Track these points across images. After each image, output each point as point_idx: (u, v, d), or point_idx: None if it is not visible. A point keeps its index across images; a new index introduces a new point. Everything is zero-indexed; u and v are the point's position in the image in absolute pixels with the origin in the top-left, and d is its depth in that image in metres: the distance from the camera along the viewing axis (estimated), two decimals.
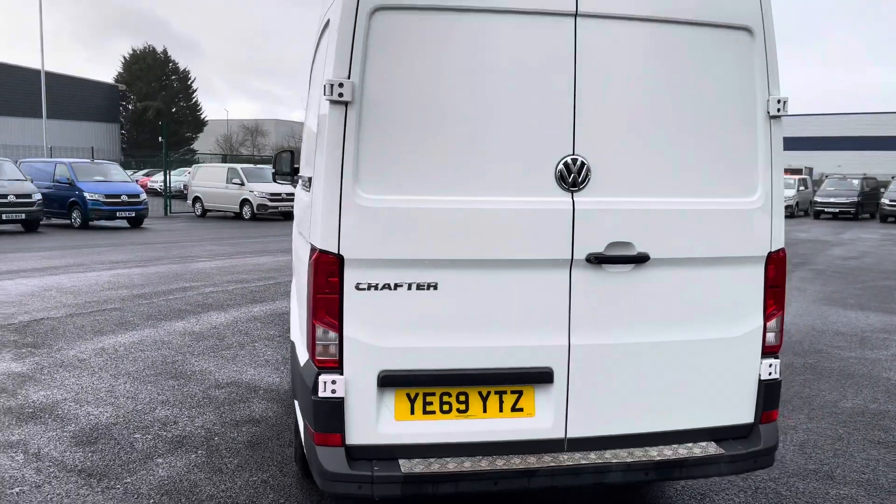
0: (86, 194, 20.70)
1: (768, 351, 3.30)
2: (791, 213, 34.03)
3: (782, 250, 3.27)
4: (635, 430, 3.16)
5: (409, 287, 2.94)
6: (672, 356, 3.16)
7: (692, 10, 3.05)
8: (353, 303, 2.92)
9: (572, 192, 2.99)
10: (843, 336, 8.04)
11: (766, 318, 3.27)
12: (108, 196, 20.92)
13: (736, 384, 3.26)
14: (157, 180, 38.32)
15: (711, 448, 3.19)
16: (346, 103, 2.81)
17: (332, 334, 2.92)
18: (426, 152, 2.89)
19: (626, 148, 3.03)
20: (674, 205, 3.10)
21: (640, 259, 3.06)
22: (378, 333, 2.94)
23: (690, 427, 3.22)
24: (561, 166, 2.96)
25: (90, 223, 21.04)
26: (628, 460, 3.06)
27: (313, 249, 2.95)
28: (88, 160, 24.78)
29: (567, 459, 3.04)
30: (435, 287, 2.96)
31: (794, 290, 11.26)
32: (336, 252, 2.88)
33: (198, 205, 26.89)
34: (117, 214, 21.20)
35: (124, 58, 70.00)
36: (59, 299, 9.19)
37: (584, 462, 3.03)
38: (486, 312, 3.00)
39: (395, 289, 2.93)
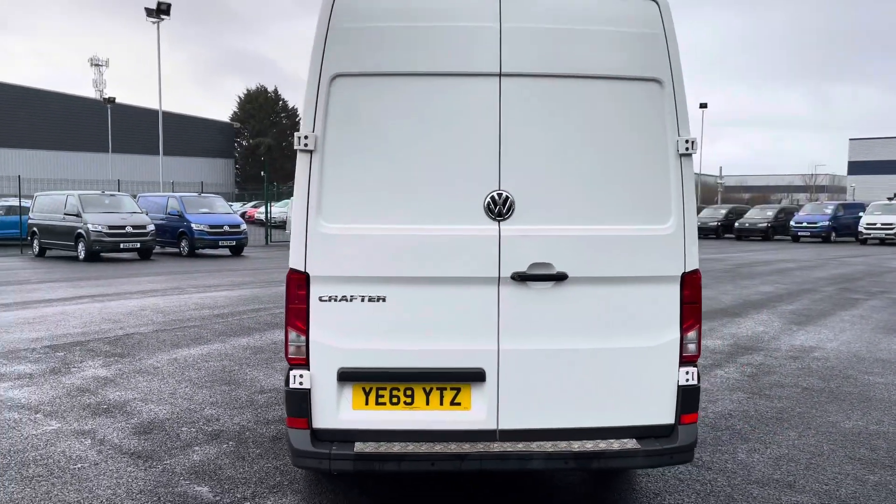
0: (192, 225, 22.68)
1: (686, 360, 3.72)
2: None
3: (697, 271, 3.70)
4: (562, 425, 3.66)
5: (362, 299, 3.59)
6: (594, 361, 3.65)
7: (604, 68, 3.58)
8: (317, 312, 3.60)
9: (499, 221, 3.56)
10: (882, 363, 8.00)
11: (684, 330, 3.70)
12: (211, 227, 22.83)
13: (656, 389, 3.70)
14: (263, 211, 40.77)
15: (630, 444, 3.64)
16: (310, 151, 3.53)
17: (301, 337, 3.60)
18: (376, 189, 3.55)
19: (547, 184, 3.58)
20: (590, 231, 3.61)
21: (559, 277, 3.59)
22: (337, 337, 3.60)
23: (614, 425, 3.68)
24: (488, 199, 3.55)
25: (196, 251, 22.94)
26: (550, 450, 3.56)
27: (289, 268, 3.67)
28: (196, 193, 26.99)
29: (497, 447, 3.58)
30: (384, 300, 3.60)
31: (858, 318, 11.08)
32: (303, 270, 3.58)
33: None
34: (220, 243, 23.05)
35: (239, 97, 75.05)
36: (151, 318, 10.41)
37: (510, 449, 3.56)
38: (428, 321, 3.61)
39: (351, 300, 3.59)
